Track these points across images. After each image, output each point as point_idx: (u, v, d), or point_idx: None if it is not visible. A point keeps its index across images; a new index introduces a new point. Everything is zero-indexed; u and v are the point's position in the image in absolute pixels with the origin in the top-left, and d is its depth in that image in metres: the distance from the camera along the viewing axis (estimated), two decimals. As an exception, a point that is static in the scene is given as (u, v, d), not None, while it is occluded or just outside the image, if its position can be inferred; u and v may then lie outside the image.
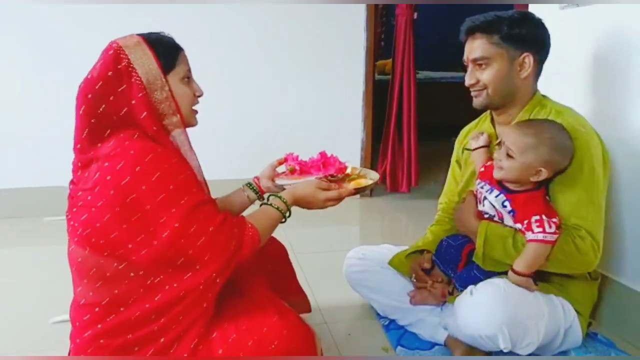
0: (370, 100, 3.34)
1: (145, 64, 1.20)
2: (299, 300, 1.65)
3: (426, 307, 1.62)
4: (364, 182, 1.45)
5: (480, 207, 1.48)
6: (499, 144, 1.45)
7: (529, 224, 1.34)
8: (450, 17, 5.87)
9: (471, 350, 1.48)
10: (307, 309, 1.69)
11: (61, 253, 2.52)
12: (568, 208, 1.39)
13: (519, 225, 1.38)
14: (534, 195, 1.39)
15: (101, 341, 1.17)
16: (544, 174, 1.37)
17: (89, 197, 1.15)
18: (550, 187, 1.42)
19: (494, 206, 1.43)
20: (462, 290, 1.46)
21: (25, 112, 2.87)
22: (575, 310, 1.47)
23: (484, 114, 1.70)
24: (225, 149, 3.05)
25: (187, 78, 1.28)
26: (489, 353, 1.48)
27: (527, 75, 1.49)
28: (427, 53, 5.17)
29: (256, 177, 1.55)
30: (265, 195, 1.50)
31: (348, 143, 3.34)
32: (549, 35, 1.50)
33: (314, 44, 3.19)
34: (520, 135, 1.38)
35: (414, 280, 1.63)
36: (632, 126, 1.62)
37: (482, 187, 1.49)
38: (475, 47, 1.48)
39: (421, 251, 1.67)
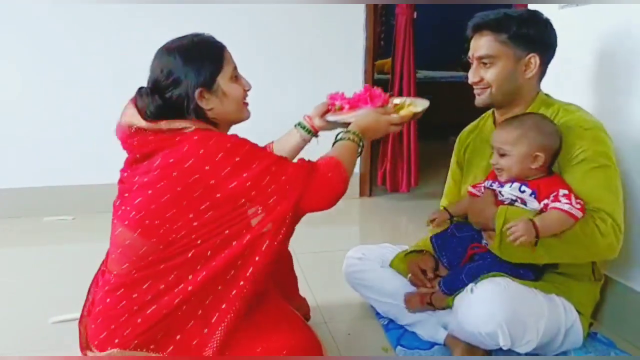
0: (370, 100, 3.34)
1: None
2: (298, 304, 1.65)
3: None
4: (415, 108, 1.46)
5: (499, 198, 1.45)
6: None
7: (557, 196, 1.34)
8: (450, 17, 5.90)
9: (471, 349, 1.48)
10: (306, 312, 1.68)
11: (61, 253, 2.54)
12: (586, 192, 1.38)
13: (544, 202, 1.35)
14: (553, 178, 1.40)
15: (134, 274, 1.20)
16: (542, 159, 1.39)
17: (146, 179, 1.19)
18: (566, 176, 1.41)
19: (512, 194, 1.41)
20: (446, 294, 1.48)
21: (25, 112, 2.87)
22: (577, 311, 1.47)
23: (485, 113, 1.70)
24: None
25: (236, 76, 1.31)
26: (489, 352, 1.48)
27: (532, 75, 1.49)
28: (426, 52, 5.17)
29: (307, 116, 1.57)
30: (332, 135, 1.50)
31: (348, 143, 3.33)
32: (556, 37, 1.50)
33: (314, 43, 3.19)
34: (506, 131, 1.42)
35: (410, 280, 1.63)
36: (636, 125, 1.62)
37: (491, 185, 1.48)
38: (481, 45, 1.47)
39: (420, 251, 1.67)
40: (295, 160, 1.29)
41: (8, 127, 2.86)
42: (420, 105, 1.48)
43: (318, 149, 1.43)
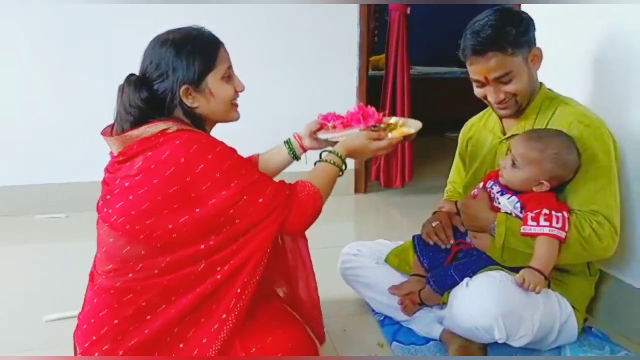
0: (364, 96, 3.33)
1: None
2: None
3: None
4: (407, 130, 1.46)
5: (495, 204, 1.48)
6: (508, 150, 1.47)
7: (538, 214, 1.36)
8: (445, 13, 5.88)
9: (466, 344, 1.48)
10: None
11: (54, 251, 2.52)
12: (585, 195, 1.41)
13: (529, 215, 1.38)
14: (545, 194, 1.41)
15: (118, 281, 1.18)
16: (546, 187, 1.40)
17: (127, 184, 1.17)
18: None
19: (508, 207, 1.45)
20: (437, 292, 1.49)
21: (17, 111, 2.84)
22: (572, 306, 1.48)
23: (489, 107, 1.68)
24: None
25: (229, 76, 1.27)
26: (484, 347, 1.49)
27: (539, 66, 1.51)
28: (421, 48, 5.17)
29: (297, 134, 1.55)
30: (317, 153, 1.47)
31: (342, 139, 3.33)
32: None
33: (307, 40, 3.17)
34: (527, 148, 1.40)
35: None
36: (632, 120, 1.62)
37: (491, 188, 1.50)
38: (493, 66, 1.44)
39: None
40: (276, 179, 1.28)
41: (0, 126, 2.83)
42: (413, 126, 1.48)
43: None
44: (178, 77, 1.20)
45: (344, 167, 1.36)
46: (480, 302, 1.33)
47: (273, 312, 1.32)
